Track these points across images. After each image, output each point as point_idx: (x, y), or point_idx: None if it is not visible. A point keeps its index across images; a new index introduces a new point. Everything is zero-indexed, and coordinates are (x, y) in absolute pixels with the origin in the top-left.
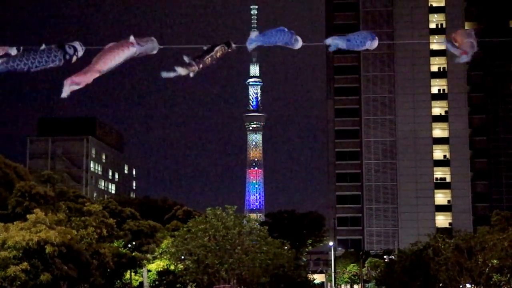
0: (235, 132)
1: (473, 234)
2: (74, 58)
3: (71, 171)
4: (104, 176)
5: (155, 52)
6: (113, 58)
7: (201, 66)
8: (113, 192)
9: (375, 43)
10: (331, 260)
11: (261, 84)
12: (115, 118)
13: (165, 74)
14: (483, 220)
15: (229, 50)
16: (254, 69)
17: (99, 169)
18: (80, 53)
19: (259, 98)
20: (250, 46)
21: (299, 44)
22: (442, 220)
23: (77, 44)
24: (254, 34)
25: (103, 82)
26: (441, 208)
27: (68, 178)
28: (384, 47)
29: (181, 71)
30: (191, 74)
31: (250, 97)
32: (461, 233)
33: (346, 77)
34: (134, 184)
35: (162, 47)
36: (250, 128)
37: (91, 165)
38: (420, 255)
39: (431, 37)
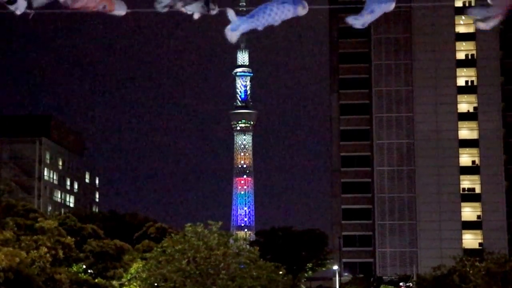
0: (219, 132)
1: (508, 256)
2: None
3: (21, 180)
4: (60, 186)
5: (122, 12)
6: None
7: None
8: (71, 205)
9: (390, 6)
10: (335, 287)
11: (251, 74)
12: (75, 117)
13: (160, 7)
14: None
15: (207, 11)
16: (243, 57)
17: (55, 177)
18: (22, 8)
19: (249, 92)
20: (232, 34)
21: (305, 8)
22: (471, 239)
23: None
24: (232, 15)
25: (61, 74)
26: (469, 225)
27: (17, 188)
28: (399, 30)
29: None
30: (198, 14)
31: (237, 90)
32: (494, 255)
33: (353, 66)
34: (97, 195)
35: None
36: (238, 128)
37: (45, 172)
38: (444, 281)
39: (456, 17)
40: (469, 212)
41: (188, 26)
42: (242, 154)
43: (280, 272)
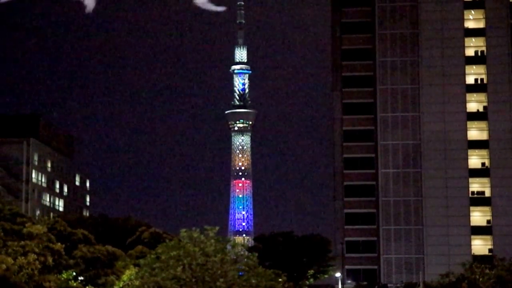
0: (216, 133)
1: None
2: None
3: (7, 183)
4: (49, 188)
5: None
6: None
7: None
8: (61, 209)
9: None
10: None
11: (249, 72)
12: (64, 117)
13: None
14: None
15: None
16: (241, 53)
17: (43, 180)
18: None
19: (247, 90)
20: None
21: None
22: (480, 245)
23: None
24: None
25: (50, 74)
26: (479, 230)
27: (4, 191)
28: (406, 25)
29: None
30: None
31: (235, 88)
32: (505, 262)
33: (357, 63)
34: (87, 199)
35: None
36: (236, 128)
37: (33, 174)
38: None
39: (466, 11)
40: (478, 216)
41: (184, 21)
42: (240, 155)
43: (280, 280)
